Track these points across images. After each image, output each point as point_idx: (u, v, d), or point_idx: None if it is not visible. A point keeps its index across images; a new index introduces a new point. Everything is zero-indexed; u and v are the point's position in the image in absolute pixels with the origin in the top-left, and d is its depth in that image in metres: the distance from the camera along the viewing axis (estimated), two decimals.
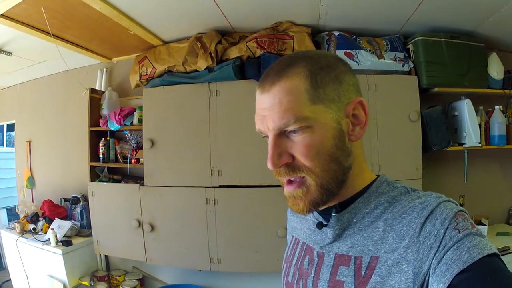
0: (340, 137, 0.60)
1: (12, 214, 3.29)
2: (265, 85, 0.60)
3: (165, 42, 2.44)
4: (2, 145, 4.19)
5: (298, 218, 0.79)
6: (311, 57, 0.62)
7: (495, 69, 2.37)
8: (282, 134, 0.59)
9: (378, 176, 0.67)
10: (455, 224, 0.52)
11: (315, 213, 0.70)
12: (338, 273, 0.60)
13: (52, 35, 2.14)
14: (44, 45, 2.34)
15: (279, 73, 0.59)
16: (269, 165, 0.59)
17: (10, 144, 3.99)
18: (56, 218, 2.76)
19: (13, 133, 3.67)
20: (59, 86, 3.12)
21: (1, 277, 3.37)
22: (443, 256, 0.49)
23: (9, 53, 2.60)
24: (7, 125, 3.84)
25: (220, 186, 2.24)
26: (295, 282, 0.69)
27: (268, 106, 0.59)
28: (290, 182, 0.62)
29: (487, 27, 2.23)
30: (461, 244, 0.49)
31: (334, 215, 0.63)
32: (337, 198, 0.64)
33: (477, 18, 2.14)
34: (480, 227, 2.27)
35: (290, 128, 0.58)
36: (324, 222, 0.66)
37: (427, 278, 0.51)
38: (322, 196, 0.60)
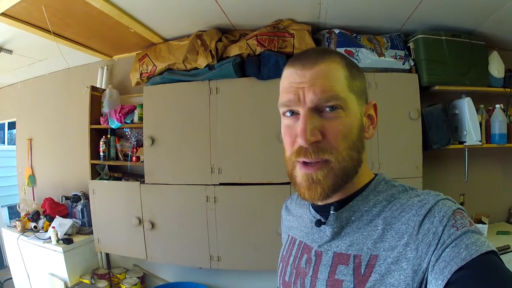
0: (361, 130, 0.63)
1: (13, 212, 3.29)
2: (306, 63, 0.60)
3: (166, 40, 2.44)
4: (3, 143, 4.20)
5: (294, 217, 0.79)
6: (342, 54, 0.65)
7: (496, 67, 2.36)
8: (314, 111, 0.59)
9: (376, 175, 0.68)
10: (453, 222, 0.52)
11: (313, 211, 0.71)
12: (337, 272, 0.60)
13: (53, 33, 2.15)
14: (45, 43, 2.35)
15: (321, 55, 0.61)
16: (301, 141, 0.58)
17: (11, 142, 4.00)
18: (57, 216, 2.76)
19: (14, 131, 3.68)
20: (60, 84, 3.12)
21: (2, 276, 3.38)
22: (441, 254, 0.50)
23: (10, 52, 2.61)
24: (8, 123, 3.86)
25: (220, 184, 2.24)
26: (292, 281, 0.69)
27: (309, 79, 0.59)
28: (306, 164, 0.60)
29: (488, 26, 2.23)
30: (459, 242, 0.50)
31: (333, 213, 0.64)
32: (339, 195, 0.64)
33: (478, 16, 2.13)
34: (480, 225, 2.28)
35: (330, 104, 0.58)
36: (323, 220, 0.66)
37: (426, 275, 0.51)
38: (341, 181, 0.60)
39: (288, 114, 0.62)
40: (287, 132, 0.63)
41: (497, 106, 2.34)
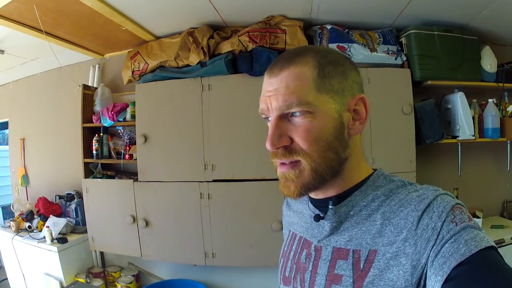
0: (340, 128, 0.62)
1: (7, 212, 3.28)
2: (274, 70, 0.62)
3: (157, 37, 2.43)
4: None
5: (295, 212, 0.79)
6: (321, 51, 0.65)
7: (489, 62, 2.37)
8: (283, 117, 0.61)
9: (375, 170, 0.68)
10: (452, 217, 0.52)
11: (312, 206, 0.71)
12: (336, 266, 0.61)
13: (44, 32, 2.13)
14: (37, 43, 2.33)
15: (289, 60, 0.61)
16: (268, 146, 0.60)
17: (4, 142, 3.98)
18: (51, 216, 2.75)
19: (6, 131, 3.66)
20: (52, 83, 3.10)
21: None
22: (440, 249, 0.50)
23: (1, 52, 2.59)
24: (1, 123, 3.82)
25: (214, 181, 2.24)
26: (293, 276, 0.69)
27: (274, 88, 0.61)
28: (282, 164, 0.63)
29: (480, 21, 2.23)
30: (459, 237, 0.50)
31: (331, 208, 0.64)
32: (334, 190, 0.65)
33: (471, 11, 2.13)
34: (474, 219, 2.28)
35: (292, 110, 0.59)
36: (321, 215, 0.66)
37: (425, 270, 0.51)
38: (315, 181, 0.61)
39: (267, 120, 0.65)
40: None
41: (490, 100, 2.35)
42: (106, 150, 2.64)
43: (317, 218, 0.67)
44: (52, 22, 2.09)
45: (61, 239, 2.57)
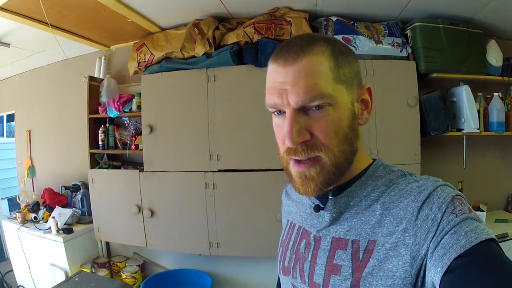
0: (353, 119, 0.61)
1: (13, 204, 3.31)
2: (287, 58, 0.57)
3: (163, 29, 2.44)
4: (2, 135, 4.20)
5: (294, 202, 0.79)
6: (329, 39, 0.62)
7: (494, 56, 2.36)
8: (300, 111, 0.57)
9: (374, 160, 0.68)
10: (453, 208, 0.52)
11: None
12: (335, 256, 0.61)
13: (50, 25, 2.14)
14: (42, 35, 2.34)
15: (303, 48, 0.57)
16: (288, 143, 0.57)
17: (10, 134, 4.01)
18: (56, 206, 2.77)
19: (13, 123, 3.69)
20: (58, 75, 3.12)
21: (3, 268, 3.40)
22: (440, 240, 0.50)
23: (7, 45, 2.60)
24: (7, 115, 3.86)
25: (219, 171, 2.25)
26: (292, 266, 0.69)
27: (291, 79, 0.56)
28: (298, 161, 0.60)
29: (486, 14, 2.22)
30: (459, 229, 0.49)
31: (331, 198, 0.64)
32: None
33: (476, 5, 2.12)
34: (478, 213, 2.27)
35: (315, 103, 0.56)
36: (321, 205, 0.66)
37: (424, 262, 0.51)
38: (335, 176, 0.60)
39: (276, 113, 0.61)
40: (277, 131, 0.62)
41: (495, 94, 2.34)
42: (112, 141, 2.65)
43: (317, 208, 0.66)
44: (57, 15, 2.10)
45: (66, 230, 2.59)
